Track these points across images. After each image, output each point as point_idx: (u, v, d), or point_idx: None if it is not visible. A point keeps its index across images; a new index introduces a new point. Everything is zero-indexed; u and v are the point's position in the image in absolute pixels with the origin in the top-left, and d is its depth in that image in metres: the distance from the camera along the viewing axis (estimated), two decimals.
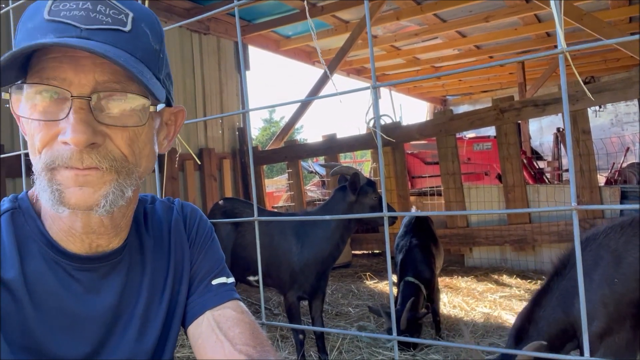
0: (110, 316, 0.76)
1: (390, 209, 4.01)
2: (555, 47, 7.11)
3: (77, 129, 0.62)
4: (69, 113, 0.63)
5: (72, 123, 0.62)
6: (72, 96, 0.63)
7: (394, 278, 5.22)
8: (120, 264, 0.79)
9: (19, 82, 0.66)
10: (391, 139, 5.20)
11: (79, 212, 0.68)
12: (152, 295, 0.82)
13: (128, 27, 0.66)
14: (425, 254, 3.54)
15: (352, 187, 2.95)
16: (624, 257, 1.76)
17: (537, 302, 1.88)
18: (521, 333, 1.85)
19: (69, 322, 0.73)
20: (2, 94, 0.68)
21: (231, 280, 0.91)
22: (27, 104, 0.65)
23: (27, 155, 1.52)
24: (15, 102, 0.67)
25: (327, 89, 6.26)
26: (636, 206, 0.61)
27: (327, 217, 0.91)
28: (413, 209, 4.89)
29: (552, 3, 0.71)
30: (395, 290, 4.75)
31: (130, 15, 0.67)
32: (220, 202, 3.44)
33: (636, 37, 0.63)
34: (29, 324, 0.70)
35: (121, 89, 0.66)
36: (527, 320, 1.85)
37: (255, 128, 24.25)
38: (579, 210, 0.72)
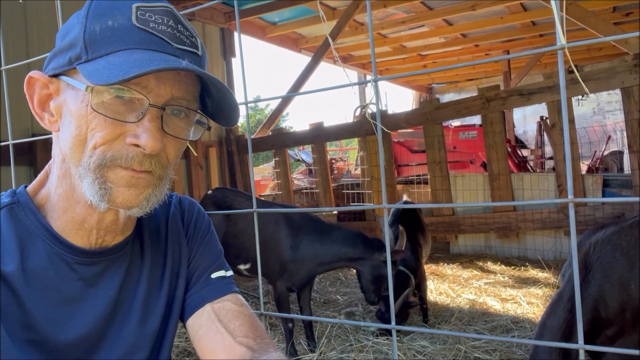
0: (111, 308, 0.77)
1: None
2: (541, 35, 7.13)
3: (155, 136, 0.66)
4: (141, 118, 0.65)
5: (151, 130, 0.66)
6: (150, 104, 0.66)
7: None
8: (120, 258, 0.79)
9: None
10: (388, 130, 5.21)
11: (97, 208, 0.69)
12: (151, 289, 0.83)
13: (200, 52, 0.72)
14: (412, 243, 3.59)
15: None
16: (636, 261, 1.76)
17: (572, 309, 1.84)
18: (570, 331, 1.83)
19: (70, 314, 0.73)
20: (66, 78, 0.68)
21: (230, 273, 0.92)
22: (93, 98, 0.65)
23: (16, 145, 1.49)
24: (64, 90, 0.69)
25: (314, 77, 6.23)
26: (635, 199, 0.62)
27: (325, 209, 0.91)
28: (404, 198, 4.92)
29: (552, 1, 0.71)
30: None
31: (199, 40, 0.72)
32: (210, 192, 3.42)
33: (635, 34, 0.64)
34: (30, 317, 0.70)
35: (186, 105, 0.71)
36: (569, 324, 1.81)
37: (241, 115, 24.11)
38: (565, 200, 0.73)
